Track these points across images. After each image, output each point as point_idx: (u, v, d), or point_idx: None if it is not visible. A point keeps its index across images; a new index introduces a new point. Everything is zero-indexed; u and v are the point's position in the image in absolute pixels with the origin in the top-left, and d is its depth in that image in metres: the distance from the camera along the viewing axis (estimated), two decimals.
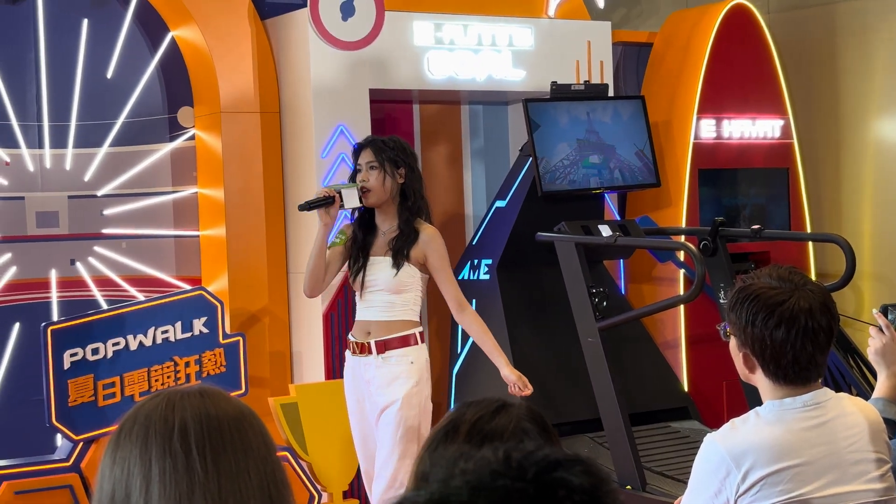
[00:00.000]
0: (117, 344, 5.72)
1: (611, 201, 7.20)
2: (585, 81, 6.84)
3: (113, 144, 6.36)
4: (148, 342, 5.78)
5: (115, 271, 6.34)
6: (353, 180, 5.20)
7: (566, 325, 5.94)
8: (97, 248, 6.32)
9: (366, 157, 5.19)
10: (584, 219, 6.15)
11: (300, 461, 5.97)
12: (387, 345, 5.07)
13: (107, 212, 6.35)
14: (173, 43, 6.48)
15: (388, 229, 5.18)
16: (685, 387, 7.08)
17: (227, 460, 1.81)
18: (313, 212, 5.19)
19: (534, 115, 6.47)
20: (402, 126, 7.06)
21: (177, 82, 6.49)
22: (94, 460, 5.59)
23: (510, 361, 5.21)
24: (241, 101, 6.39)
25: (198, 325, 5.87)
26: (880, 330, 3.23)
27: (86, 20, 6.28)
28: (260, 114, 6.43)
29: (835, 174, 8.13)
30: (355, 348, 5.15)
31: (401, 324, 5.10)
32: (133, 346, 5.75)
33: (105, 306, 6.14)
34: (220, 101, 6.34)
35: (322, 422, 5.94)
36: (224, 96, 6.35)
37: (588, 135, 6.66)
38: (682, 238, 6.62)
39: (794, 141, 7.81)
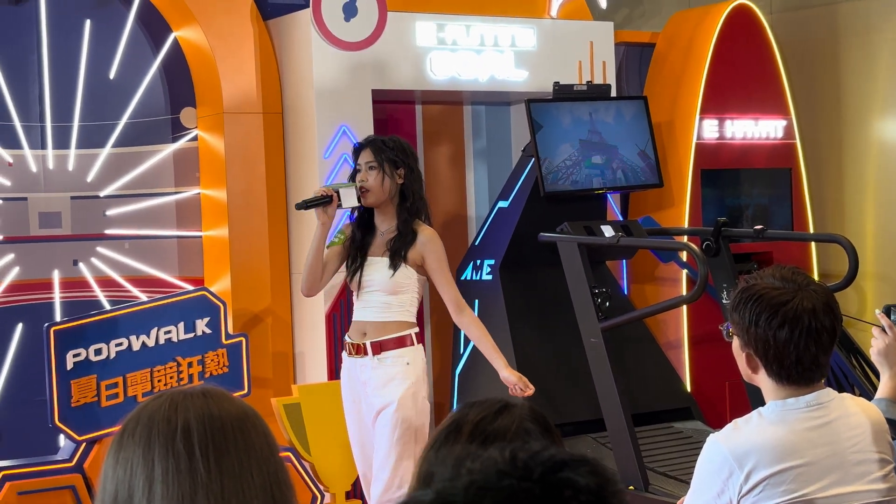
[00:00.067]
0: (120, 344, 5.72)
1: (613, 202, 7.20)
2: (588, 82, 6.83)
3: (116, 145, 6.36)
4: (151, 343, 5.78)
5: (117, 272, 6.34)
6: (353, 180, 5.19)
7: (569, 325, 5.93)
8: (100, 249, 6.32)
9: (365, 157, 5.18)
10: (587, 219, 6.15)
11: (303, 462, 5.97)
12: (382, 346, 5.05)
13: (109, 212, 6.35)
14: (176, 44, 6.48)
15: (387, 230, 5.16)
16: (688, 387, 7.08)
17: (229, 461, 1.81)
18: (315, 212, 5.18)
19: (536, 116, 6.46)
20: (404, 127, 7.06)
21: (179, 83, 6.49)
22: (97, 461, 5.59)
23: (513, 361, 5.19)
24: (243, 101, 6.39)
25: (200, 326, 5.87)
26: (883, 330, 3.23)
27: (88, 21, 6.28)
28: (262, 114, 6.43)
29: (837, 174, 8.12)
30: (351, 349, 5.13)
31: (396, 325, 5.08)
32: (136, 346, 5.75)
33: (108, 307, 6.14)
34: (223, 101, 6.35)
35: (325, 422, 5.94)
36: (227, 97, 6.35)
37: (590, 135, 6.66)
38: (685, 238, 6.62)
39: (797, 141, 7.80)
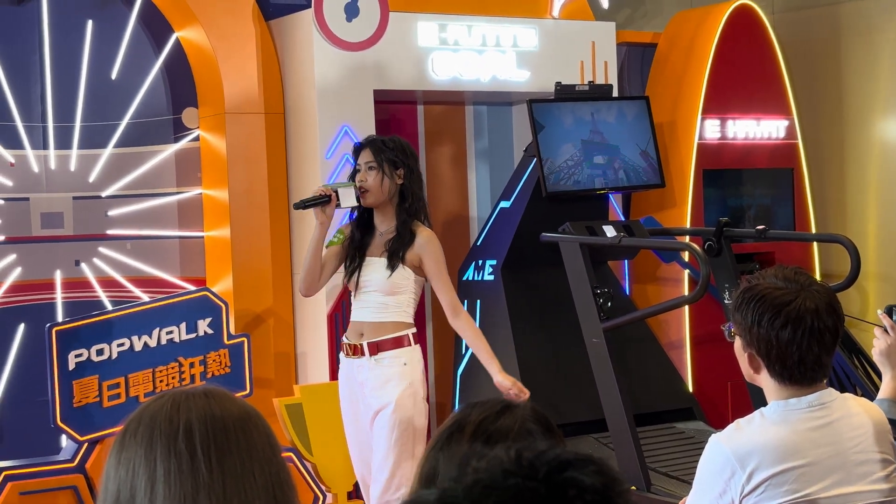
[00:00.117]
0: (122, 345, 5.72)
1: (615, 202, 7.20)
2: (590, 82, 6.83)
3: (117, 145, 6.36)
4: (153, 343, 5.78)
5: (119, 272, 6.34)
6: (353, 179, 5.19)
7: (570, 325, 5.93)
8: (102, 249, 6.32)
9: (365, 157, 5.17)
10: (589, 219, 6.15)
11: (305, 462, 5.97)
12: (379, 346, 5.03)
13: (111, 213, 6.35)
14: (178, 44, 6.48)
15: (386, 230, 5.15)
16: (690, 387, 7.07)
17: (231, 461, 1.81)
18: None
19: (538, 116, 6.46)
20: (406, 127, 7.06)
21: (181, 83, 6.49)
22: (99, 461, 5.59)
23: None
24: (245, 102, 6.39)
25: (202, 326, 5.87)
26: (885, 330, 3.22)
27: (90, 21, 6.28)
28: (264, 115, 6.43)
29: (840, 174, 8.12)
30: (348, 350, 5.12)
31: (393, 325, 5.06)
32: (138, 346, 5.75)
33: (110, 307, 6.14)
34: (225, 102, 6.35)
35: (327, 423, 5.93)
36: (228, 97, 6.35)
37: (592, 135, 6.66)
38: (687, 238, 6.62)
39: (799, 141, 7.80)
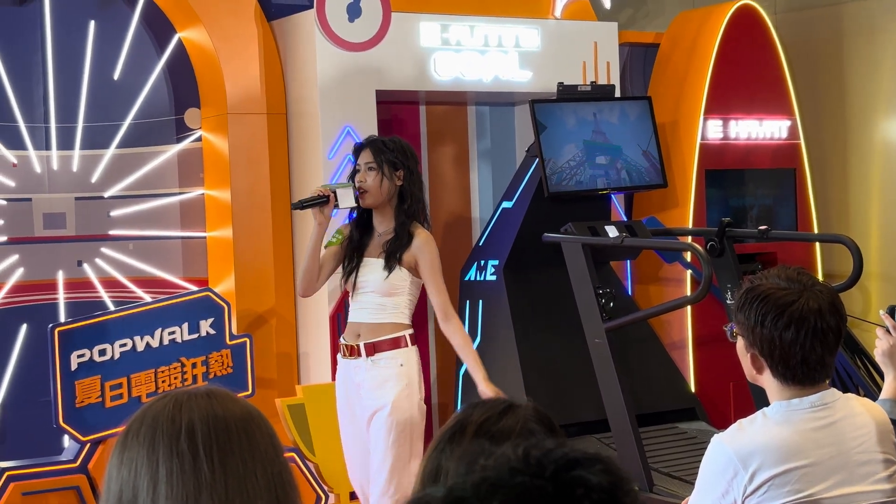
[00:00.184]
0: (124, 345, 5.72)
1: (617, 202, 7.20)
2: (592, 82, 6.83)
3: (120, 146, 6.36)
4: (155, 343, 5.78)
5: (121, 272, 6.34)
6: (352, 180, 5.18)
7: (573, 325, 5.93)
8: (104, 250, 6.32)
9: (365, 158, 5.17)
10: (591, 219, 6.14)
11: (307, 462, 5.97)
12: (376, 347, 5.03)
13: (114, 213, 6.35)
14: (180, 44, 6.48)
15: (385, 231, 5.15)
16: (692, 387, 7.07)
17: (234, 461, 1.81)
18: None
19: (540, 116, 6.46)
20: (408, 127, 7.05)
21: (183, 84, 6.49)
22: (102, 461, 5.59)
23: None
24: (247, 102, 6.39)
25: (205, 327, 5.87)
26: (887, 331, 3.22)
27: (93, 21, 6.28)
28: (266, 115, 6.43)
29: (842, 174, 8.12)
30: (345, 351, 5.12)
31: (390, 326, 5.06)
32: (140, 347, 5.75)
33: (112, 307, 6.14)
34: (227, 102, 6.35)
35: (329, 423, 5.92)
36: (231, 97, 6.35)
37: (595, 136, 6.66)
38: (689, 239, 6.61)
39: (801, 141, 7.80)
